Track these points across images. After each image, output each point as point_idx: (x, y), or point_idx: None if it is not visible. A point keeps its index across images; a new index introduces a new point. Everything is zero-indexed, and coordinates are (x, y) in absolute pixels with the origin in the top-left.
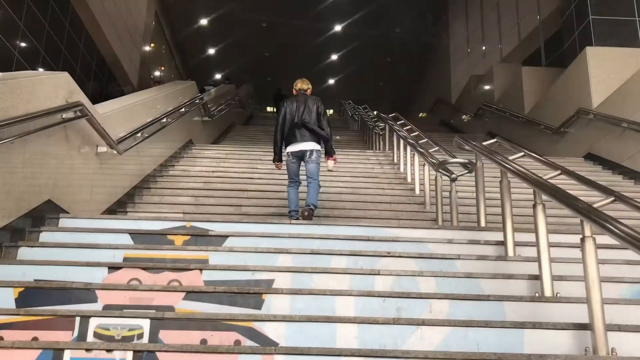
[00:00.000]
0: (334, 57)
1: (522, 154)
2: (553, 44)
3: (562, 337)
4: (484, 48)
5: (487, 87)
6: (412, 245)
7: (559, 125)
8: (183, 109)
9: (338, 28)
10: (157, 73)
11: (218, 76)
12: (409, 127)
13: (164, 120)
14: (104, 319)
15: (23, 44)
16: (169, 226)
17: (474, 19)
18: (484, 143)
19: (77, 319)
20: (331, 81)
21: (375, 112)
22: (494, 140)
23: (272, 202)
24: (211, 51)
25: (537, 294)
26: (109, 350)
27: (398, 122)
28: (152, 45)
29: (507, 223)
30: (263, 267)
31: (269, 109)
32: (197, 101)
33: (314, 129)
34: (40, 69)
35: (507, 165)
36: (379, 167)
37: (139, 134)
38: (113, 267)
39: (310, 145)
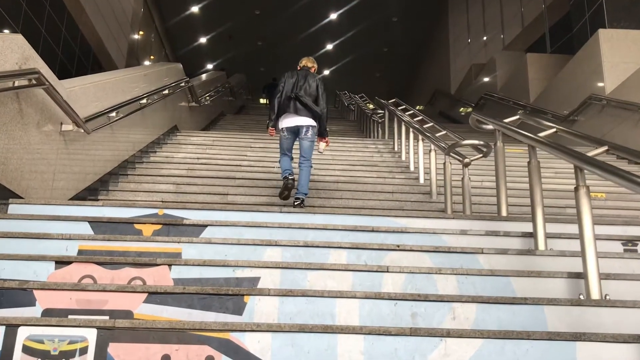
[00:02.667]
0: (329, 46)
1: (554, 130)
2: (558, 31)
3: (625, 352)
4: (485, 37)
5: (489, 77)
6: (424, 237)
7: (568, 114)
8: (166, 91)
9: (333, 16)
10: (146, 62)
11: (209, 66)
12: (412, 112)
13: (144, 101)
14: (37, 328)
15: None
16: (138, 214)
17: (474, 7)
18: (506, 120)
19: (2, 329)
20: (326, 72)
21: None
22: (516, 117)
23: (262, 191)
24: (202, 40)
25: (581, 296)
26: None
27: (399, 108)
28: (141, 32)
29: (537, 211)
30: (246, 263)
31: (262, 100)
32: (183, 84)
33: (307, 103)
34: None
35: (540, 139)
36: (379, 155)
37: (112, 114)
38: (62, 262)
39: (306, 121)
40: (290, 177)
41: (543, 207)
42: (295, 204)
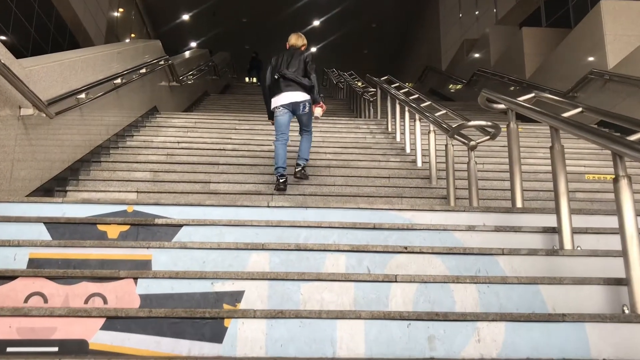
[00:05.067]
0: (316, 22)
1: (580, 109)
2: (554, 4)
3: None
4: (477, 12)
5: (481, 52)
6: (432, 235)
7: (567, 90)
8: (144, 70)
9: None
10: (126, 40)
11: (193, 44)
12: (406, 89)
13: (118, 80)
14: None
15: None
16: (103, 211)
17: None
18: (520, 99)
19: None
20: (313, 49)
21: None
22: (531, 95)
23: (247, 178)
24: (185, 17)
25: (625, 309)
26: None
27: (393, 86)
28: (120, 9)
29: (561, 202)
30: (227, 274)
31: (247, 79)
32: (162, 62)
33: (294, 78)
34: None
35: (570, 121)
36: (371, 136)
37: (82, 95)
38: (5, 277)
39: (300, 97)
40: (282, 179)
41: (569, 198)
42: (297, 170)
